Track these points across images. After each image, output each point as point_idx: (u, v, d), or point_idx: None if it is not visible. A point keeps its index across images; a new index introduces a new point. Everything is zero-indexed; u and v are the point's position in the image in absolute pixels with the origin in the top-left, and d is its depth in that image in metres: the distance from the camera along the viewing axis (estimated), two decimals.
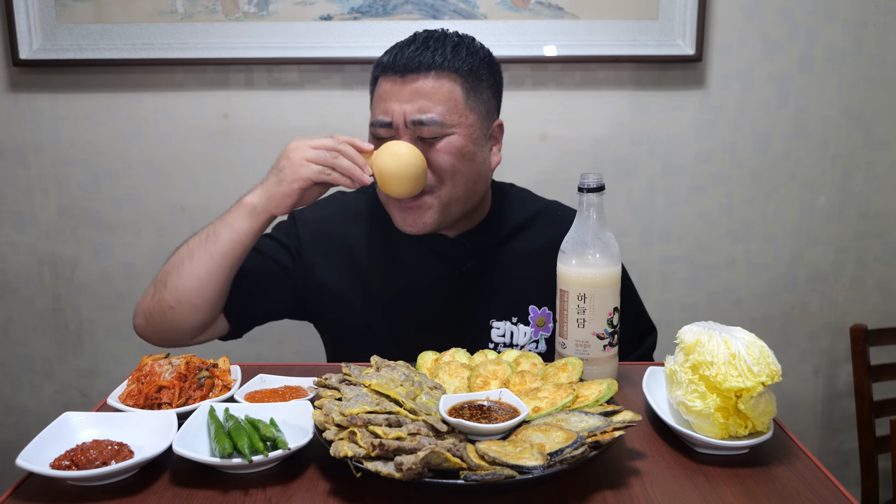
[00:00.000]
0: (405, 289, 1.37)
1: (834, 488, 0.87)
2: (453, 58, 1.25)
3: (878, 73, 2.00)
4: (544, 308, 1.37)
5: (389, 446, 0.82)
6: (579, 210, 1.11)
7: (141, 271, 2.08)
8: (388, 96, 1.25)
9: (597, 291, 1.09)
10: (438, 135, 1.24)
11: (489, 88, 1.31)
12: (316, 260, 1.38)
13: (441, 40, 1.27)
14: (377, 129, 1.27)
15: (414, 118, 1.23)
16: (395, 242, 1.38)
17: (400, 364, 1.05)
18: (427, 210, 1.28)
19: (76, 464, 0.87)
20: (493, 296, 1.37)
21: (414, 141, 1.24)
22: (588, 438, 0.86)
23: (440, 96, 1.24)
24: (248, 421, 0.94)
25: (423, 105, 1.23)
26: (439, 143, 1.24)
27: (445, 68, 1.25)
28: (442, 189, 1.27)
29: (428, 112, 1.23)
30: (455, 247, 1.37)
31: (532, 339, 1.36)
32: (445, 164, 1.25)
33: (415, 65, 1.24)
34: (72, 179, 2.04)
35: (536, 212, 1.43)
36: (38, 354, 2.14)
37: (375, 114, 1.28)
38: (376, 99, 1.29)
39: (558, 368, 1.08)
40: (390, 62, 1.26)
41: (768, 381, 0.92)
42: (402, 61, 1.25)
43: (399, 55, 1.25)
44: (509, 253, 1.39)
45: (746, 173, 2.04)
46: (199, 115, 2.01)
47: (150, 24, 1.93)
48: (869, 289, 2.12)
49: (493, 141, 1.35)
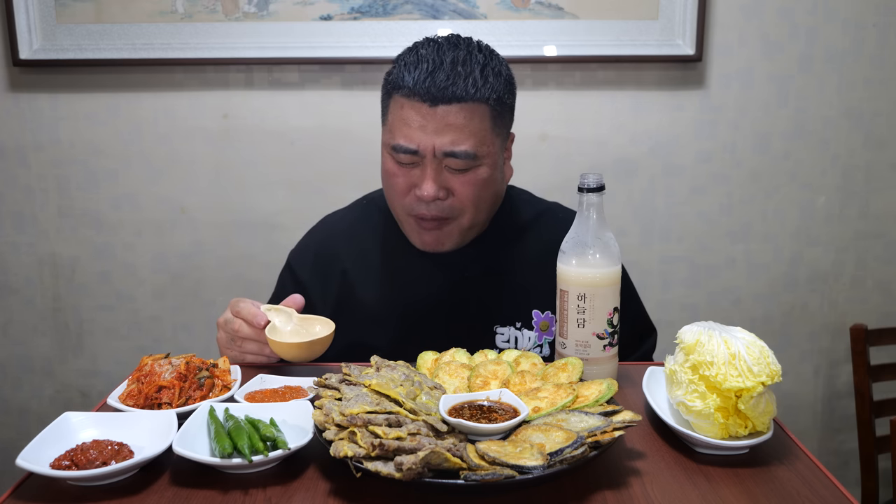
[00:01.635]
0: (407, 301, 1.36)
1: (834, 488, 0.87)
2: (483, 86, 1.21)
3: (878, 73, 2.00)
4: (547, 312, 1.35)
5: (389, 446, 0.82)
6: (579, 210, 1.11)
7: (141, 271, 2.08)
8: (414, 123, 1.20)
9: (597, 291, 1.09)
10: (467, 167, 1.23)
11: (510, 110, 1.29)
12: (316, 289, 1.39)
13: (468, 64, 1.21)
14: (400, 154, 1.23)
15: (446, 150, 1.20)
16: (394, 254, 1.38)
17: (400, 364, 1.05)
18: (448, 235, 1.29)
19: (76, 464, 0.87)
20: (497, 301, 1.36)
21: (439, 169, 1.23)
22: (588, 438, 0.86)
23: (472, 128, 1.20)
24: (248, 421, 0.94)
25: (455, 137, 1.20)
26: (467, 174, 1.24)
27: (476, 99, 1.20)
28: (464, 217, 1.28)
29: (460, 145, 1.20)
30: (457, 254, 1.36)
31: (536, 343, 1.35)
32: (471, 196, 1.25)
33: (448, 95, 1.19)
34: (72, 179, 2.04)
35: (537, 215, 1.43)
36: (38, 354, 2.14)
37: (398, 138, 1.22)
38: (397, 119, 1.23)
39: (558, 368, 1.08)
40: (419, 88, 1.19)
41: (768, 381, 0.92)
42: (433, 89, 1.19)
43: (428, 80, 1.19)
44: (511, 257, 1.38)
45: (746, 173, 2.04)
46: (199, 115, 2.01)
47: (150, 24, 1.93)
48: (869, 289, 2.12)
49: (507, 154, 1.34)
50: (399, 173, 1.26)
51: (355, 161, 2.00)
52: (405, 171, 1.25)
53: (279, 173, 2.04)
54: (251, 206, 2.05)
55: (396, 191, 1.27)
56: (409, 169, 1.25)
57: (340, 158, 2.02)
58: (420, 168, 1.24)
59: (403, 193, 1.27)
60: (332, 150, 2.02)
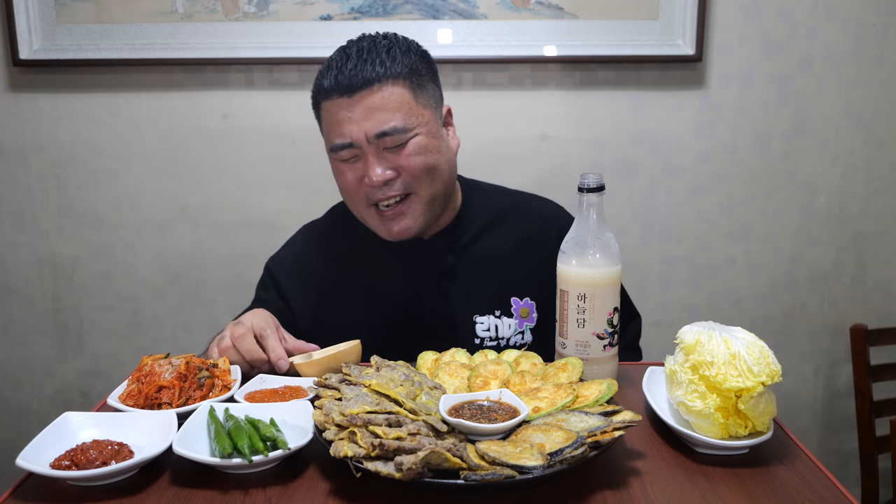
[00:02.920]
0: (386, 300, 1.38)
1: (834, 488, 0.87)
2: (392, 64, 1.26)
3: (878, 73, 2.00)
4: (526, 299, 1.38)
5: (389, 446, 0.82)
6: (579, 210, 1.11)
7: (141, 271, 2.08)
8: (340, 118, 1.26)
9: (597, 291, 1.09)
10: (402, 141, 1.26)
11: (431, 80, 1.33)
12: (294, 295, 1.42)
13: (373, 50, 1.27)
14: (339, 152, 1.28)
15: (376, 132, 1.24)
16: (368, 254, 1.41)
17: (400, 364, 1.05)
18: (409, 215, 1.31)
19: (76, 464, 0.87)
20: (474, 291, 1.38)
21: (379, 153, 1.26)
22: (588, 438, 0.86)
23: (393, 105, 1.25)
24: (248, 421, 0.94)
25: (381, 117, 1.25)
26: (405, 148, 1.27)
27: (389, 77, 1.25)
28: (421, 189, 1.30)
29: (387, 123, 1.25)
30: (431, 247, 1.38)
31: (517, 330, 1.38)
32: (419, 165, 1.27)
33: (359, 81, 1.24)
34: (72, 179, 2.04)
35: (510, 204, 1.46)
36: (38, 354, 2.14)
37: (332, 138, 1.29)
38: (328, 124, 1.30)
39: (558, 368, 1.08)
40: (333, 85, 1.26)
41: (768, 381, 0.92)
42: (345, 81, 1.25)
43: (339, 76, 1.26)
44: (486, 247, 1.41)
45: (746, 173, 2.04)
46: (199, 115, 2.01)
47: (150, 24, 1.93)
48: (869, 289, 2.12)
49: (448, 126, 1.37)
50: (346, 170, 1.30)
51: None
52: (350, 166, 1.29)
53: (279, 173, 2.04)
54: (251, 206, 2.05)
55: (349, 188, 1.31)
56: (353, 164, 1.29)
57: None
58: (362, 160, 1.28)
59: (356, 187, 1.30)
60: None
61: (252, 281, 2.08)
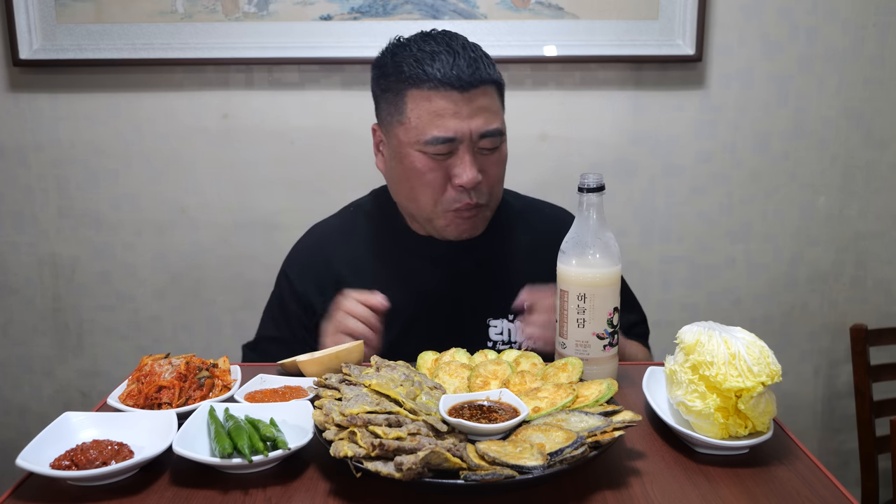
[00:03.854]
0: (401, 300, 1.36)
1: (834, 488, 0.87)
2: (492, 68, 1.28)
3: (878, 73, 2.00)
4: None
5: (389, 446, 0.82)
6: (579, 210, 1.11)
7: (141, 271, 2.08)
8: (447, 112, 1.23)
9: (597, 291, 1.09)
10: (496, 146, 1.27)
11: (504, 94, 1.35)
12: (314, 297, 1.40)
13: (475, 49, 1.27)
14: (437, 146, 1.24)
15: (482, 131, 1.24)
16: (385, 257, 1.40)
17: (400, 364, 1.05)
18: (481, 219, 1.33)
19: (76, 464, 0.87)
20: (489, 294, 1.37)
21: (473, 154, 1.26)
22: (588, 438, 0.86)
23: (495, 107, 1.27)
24: (248, 421, 0.94)
25: (488, 118, 1.25)
26: (495, 154, 1.28)
27: (492, 81, 1.27)
28: (492, 197, 1.32)
29: (492, 124, 1.26)
30: (449, 248, 1.37)
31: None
32: (500, 174, 1.31)
33: (475, 79, 1.23)
34: (72, 179, 2.04)
35: (525, 208, 1.46)
36: (38, 354, 2.14)
37: (430, 130, 1.24)
38: (429, 115, 1.24)
39: (558, 368, 1.08)
40: (445, 77, 1.22)
41: (768, 381, 0.92)
42: (462, 76, 1.22)
43: (455, 69, 1.23)
44: (502, 250, 1.40)
45: (746, 173, 2.04)
46: (199, 115, 2.01)
47: (150, 24, 1.93)
48: (869, 289, 2.12)
49: None
50: (430, 168, 1.26)
51: (355, 161, 1.99)
52: (437, 164, 1.26)
53: (279, 173, 2.04)
54: (251, 206, 2.05)
55: (430, 187, 1.28)
56: (440, 161, 1.26)
57: (340, 158, 2.02)
58: (453, 157, 1.26)
59: (439, 188, 1.28)
60: (332, 150, 2.02)
61: (252, 281, 2.09)
